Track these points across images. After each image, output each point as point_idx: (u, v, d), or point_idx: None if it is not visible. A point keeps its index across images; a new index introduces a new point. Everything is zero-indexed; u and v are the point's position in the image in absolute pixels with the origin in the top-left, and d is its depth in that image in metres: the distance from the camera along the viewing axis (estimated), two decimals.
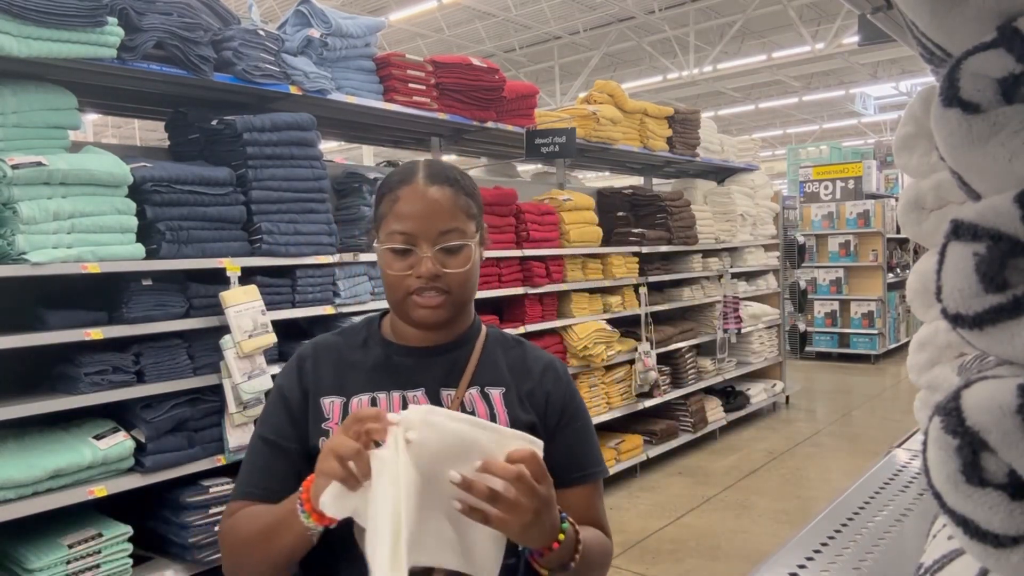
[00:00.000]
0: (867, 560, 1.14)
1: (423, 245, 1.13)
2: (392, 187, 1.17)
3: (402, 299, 1.15)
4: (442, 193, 1.15)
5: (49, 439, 2.42)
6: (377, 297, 3.44)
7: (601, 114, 5.07)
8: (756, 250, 7.05)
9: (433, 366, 1.21)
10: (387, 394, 1.18)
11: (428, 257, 1.13)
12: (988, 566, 0.47)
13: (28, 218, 2.28)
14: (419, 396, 1.19)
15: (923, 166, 0.92)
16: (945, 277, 0.49)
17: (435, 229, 1.13)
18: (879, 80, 15.44)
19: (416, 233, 1.13)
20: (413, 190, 1.15)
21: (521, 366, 1.26)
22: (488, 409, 1.19)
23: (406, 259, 1.14)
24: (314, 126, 3.16)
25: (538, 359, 1.29)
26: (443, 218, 1.14)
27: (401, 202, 1.14)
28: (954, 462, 0.46)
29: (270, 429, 1.20)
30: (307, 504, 0.99)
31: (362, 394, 1.19)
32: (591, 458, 1.25)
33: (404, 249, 1.14)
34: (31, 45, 2.31)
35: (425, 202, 1.14)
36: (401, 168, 1.22)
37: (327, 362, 1.23)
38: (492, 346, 1.27)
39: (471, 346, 1.25)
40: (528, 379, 1.25)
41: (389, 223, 1.15)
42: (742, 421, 6.71)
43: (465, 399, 1.19)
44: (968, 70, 0.48)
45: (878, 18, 1.21)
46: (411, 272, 1.13)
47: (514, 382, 1.23)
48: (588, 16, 12.84)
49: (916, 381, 1.00)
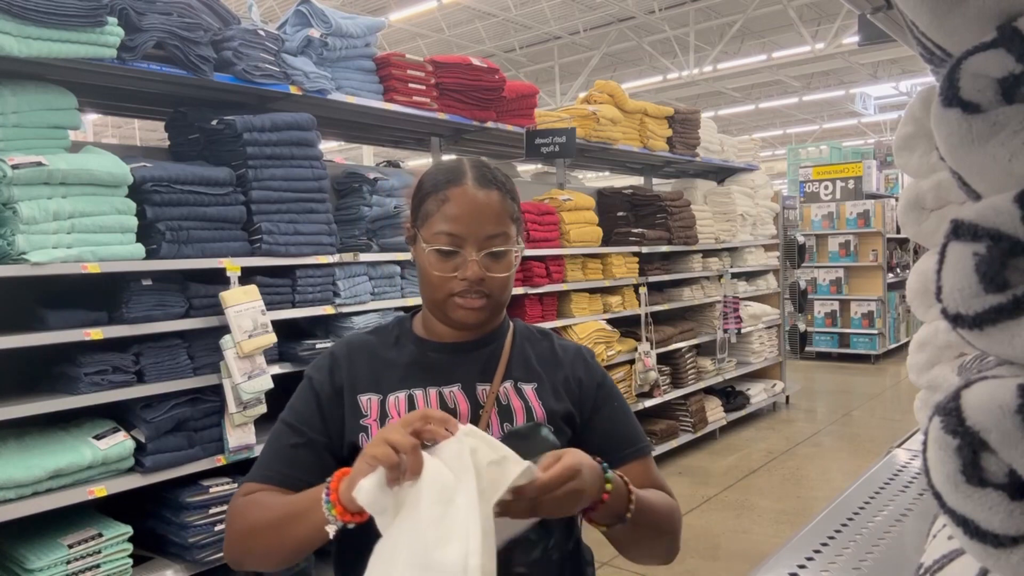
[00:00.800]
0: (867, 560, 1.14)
1: (469, 248, 1.14)
2: (439, 186, 1.16)
3: (443, 299, 1.17)
4: (490, 197, 1.15)
5: (49, 439, 2.42)
6: (377, 297, 3.44)
7: (601, 114, 5.07)
8: (756, 250, 7.05)
9: (467, 362, 1.22)
10: (423, 391, 1.19)
11: (474, 261, 1.13)
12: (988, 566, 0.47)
13: (28, 218, 2.28)
14: (455, 392, 1.20)
15: (923, 166, 0.92)
16: (945, 277, 0.49)
17: (483, 233, 1.14)
18: (879, 80, 15.44)
19: (464, 236, 1.13)
20: (463, 192, 1.14)
21: (551, 357, 1.28)
22: (523, 403, 1.20)
23: (451, 260, 1.14)
24: (314, 126, 3.16)
25: (566, 349, 1.31)
26: (491, 222, 1.15)
27: (450, 203, 1.14)
28: (954, 462, 0.46)
29: (297, 417, 1.18)
30: (333, 494, 0.97)
31: (398, 391, 1.19)
32: (636, 434, 1.27)
33: (450, 251, 1.14)
34: (31, 45, 2.31)
35: (475, 205, 1.14)
36: (446, 166, 1.21)
37: (361, 359, 1.23)
38: (520, 340, 1.28)
39: (502, 341, 1.26)
40: (559, 369, 1.26)
41: (436, 223, 1.15)
42: (742, 421, 6.71)
43: (500, 393, 1.20)
44: (968, 70, 0.48)
45: (878, 18, 1.21)
46: (456, 274, 1.14)
47: (546, 375, 1.25)
48: (588, 16, 12.84)
49: (916, 381, 1.00)
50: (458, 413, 1.18)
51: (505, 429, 1.16)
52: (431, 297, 1.19)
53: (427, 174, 1.22)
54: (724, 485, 5.17)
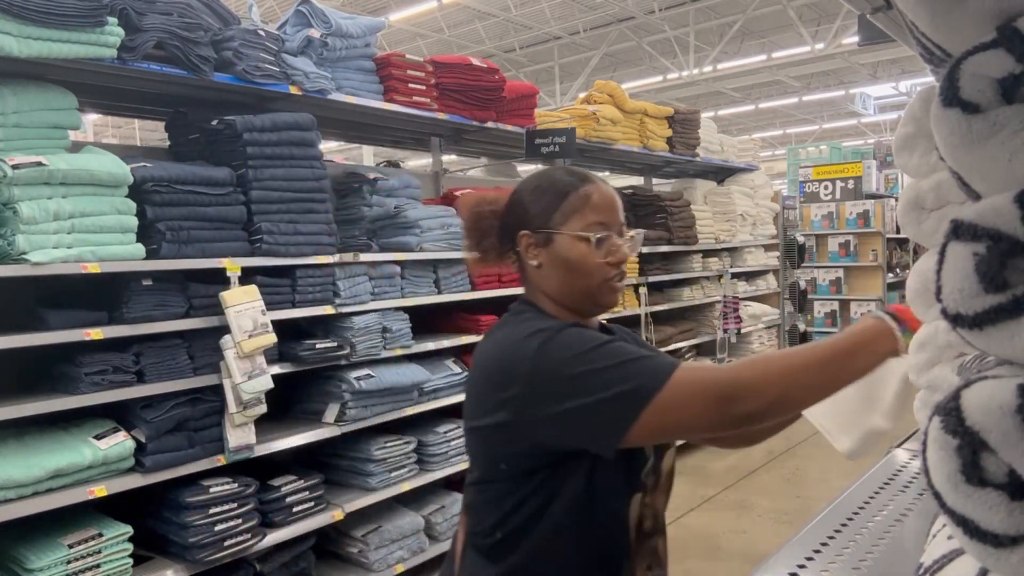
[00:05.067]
0: (867, 560, 1.14)
1: (614, 236, 1.26)
2: (574, 185, 1.27)
3: (598, 284, 1.26)
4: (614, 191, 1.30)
5: (49, 439, 2.42)
6: (377, 297, 3.44)
7: (601, 114, 5.07)
8: (756, 250, 7.05)
9: None
10: None
11: (623, 245, 1.27)
12: (988, 566, 0.47)
13: (28, 218, 2.28)
14: None
15: (923, 166, 0.92)
16: (945, 277, 0.49)
17: (619, 222, 1.28)
18: (879, 80, 15.43)
19: (611, 224, 1.26)
20: (599, 188, 1.28)
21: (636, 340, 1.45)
22: None
23: (602, 248, 1.25)
24: (314, 126, 3.16)
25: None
26: (621, 213, 1.30)
27: (595, 197, 1.26)
28: (954, 462, 0.46)
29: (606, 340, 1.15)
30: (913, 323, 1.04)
31: None
32: None
33: (603, 238, 1.25)
34: (31, 45, 2.31)
35: (612, 198, 1.28)
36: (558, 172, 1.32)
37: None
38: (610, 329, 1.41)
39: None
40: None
41: (586, 215, 1.25)
42: None
43: None
44: (968, 70, 0.48)
45: (878, 18, 1.21)
46: (609, 258, 1.25)
47: None
48: (588, 16, 12.84)
49: (916, 381, 0.99)
50: None
51: None
52: (584, 285, 1.26)
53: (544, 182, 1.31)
54: (724, 485, 5.17)
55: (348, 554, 3.40)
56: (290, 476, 3.07)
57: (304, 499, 3.07)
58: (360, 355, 3.31)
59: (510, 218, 1.32)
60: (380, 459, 3.40)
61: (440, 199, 4.28)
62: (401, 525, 3.47)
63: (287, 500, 3.01)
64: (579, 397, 1.07)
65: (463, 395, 4.21)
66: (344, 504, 3.22)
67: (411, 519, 3.53)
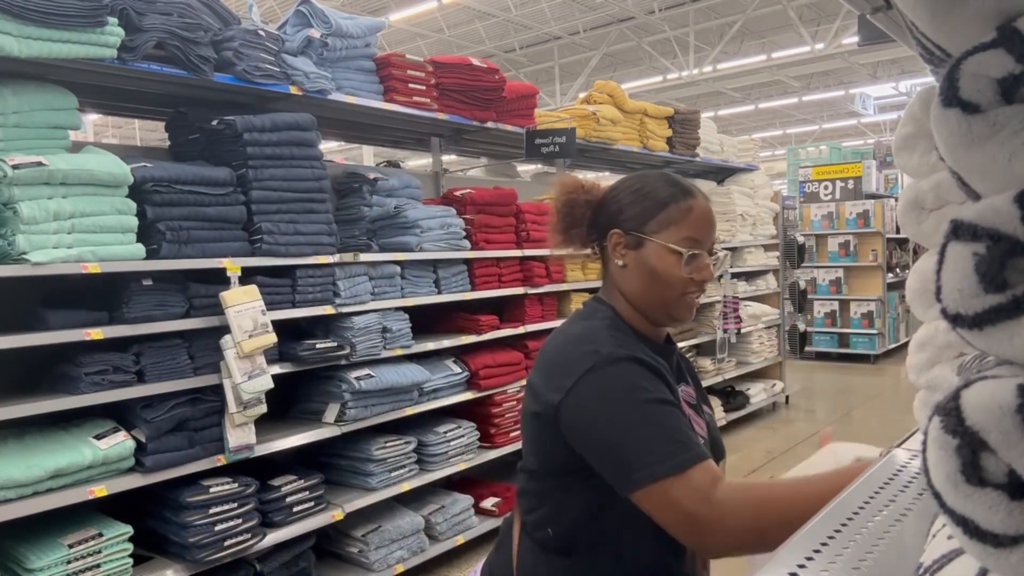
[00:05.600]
0: (867, 560, 1.14)
1: (704, 254, 1.29)
2: (677, 197, 1.29)
3: (675, 297, 1.29)
4: (712, 211, 1.33)
5: (49, 439, 2.42)
6: (377, 297, 3.44)
7: (601, 114, 5.07)
8: (756, 250, 7.05)
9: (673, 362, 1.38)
10: (679, 387, 1.30)
11: (710, 264, 1.29)
12: (988, 566, 0.47)
13: (28, 218, 2.28)
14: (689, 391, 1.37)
15: (923, 166, 0.92)
16: (944, 277, 0.49)
17: (711, 241, 1.31)
18: (879, 80, 15.44)
19: (704, 242, 1.29)
20: (702, 205, 1.30)
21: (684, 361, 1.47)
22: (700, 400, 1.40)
23: (689, 264, 1.27)
24: (314, 126, 3.16)
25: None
26: (715, 231, 1.33)
27: (695, 212, 1.28)
28: (953, 462, 0.46)
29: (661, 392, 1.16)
30: None
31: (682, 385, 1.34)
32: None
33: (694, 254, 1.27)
34: (31, 45, 2.31)
35: (710, 218, 1.31)
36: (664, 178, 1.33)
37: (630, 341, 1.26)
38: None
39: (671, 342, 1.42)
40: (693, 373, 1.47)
41: (682, 229, 1.27)
42: (742, 421, 6.71)
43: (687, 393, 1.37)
44: (968, 70, 0.48)
45: (878, 18, 1.21)
46: (694, 275, 1.27)
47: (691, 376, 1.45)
48: (588, 16, 12.84)
49: (916, 381, 0.99)
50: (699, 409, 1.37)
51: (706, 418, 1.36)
52: (662, 295, 1.29)
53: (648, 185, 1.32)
54: None
55: (348, 554, 3.40)
56: (290, 476, 3.08)
57: (304, 499, 3.07)
58: (360, 355, 3.31)
59: (605, 213, 1.33)
60: (380, 459, 3.40)
61: (440, 199, 4.28)
62: (401, 525, 3.47)
63: (287, 500, 3.01)
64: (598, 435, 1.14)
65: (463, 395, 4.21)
66: (344, 504, 3.22)
67: (411, 519, 3.53)
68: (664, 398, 1.14)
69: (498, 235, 4.20)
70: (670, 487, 1.06)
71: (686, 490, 1.06)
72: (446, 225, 3.77)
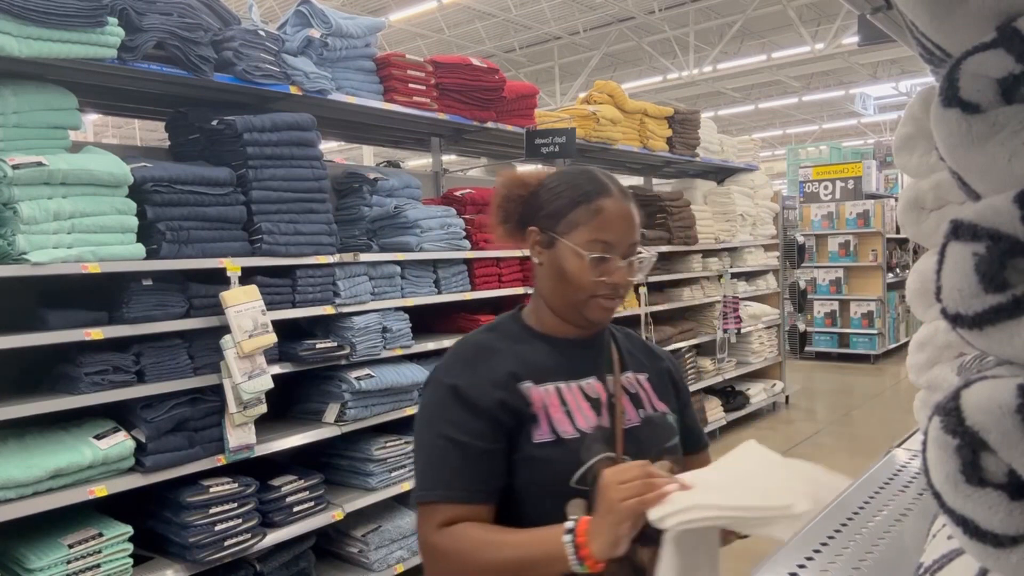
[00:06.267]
0: (867, 560, 1.14)
1: (617, 256, 1.24)
2: (590, 196, 1.25)
3: (585, 300, 1.25)
4: (632, 210, 1.27)
5: (49, 439, 2.42)
6: (377, 297, 3.44)
7: (601, 114, 5.07)
8: (756, 250, 7.05)
9: (591, 356, 1.32)
10: (566, 384, 1.26)
11: (622, 268, 1.24)
12: (987, 566, 0.47)
13: (28, 218, 2.28)
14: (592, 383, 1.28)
15: (923, 166, 0.92)
16: (945, 277, 0.49)
17: (628, 242, 1.25)
18: (879, 80, 15.44)
19: (616, 244, 1.24)
20: (615, 204, 1.25)
21: (646, 349, 1.43)
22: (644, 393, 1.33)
23: (600, 266, 1.23)
24: (314, 126, 3.16)
25: (654, 345, 1.49)
26: (634, 233, 1.27)
27: (605, 214, 1.23)
28: (954, 462, 0.46)
29: (458, 430, 1.20)
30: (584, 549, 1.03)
31: (547, 384, 1.25)
32: (702, 428, 1.48)
33: (601, 259, 1.23)
34: (31, 45, 2.31)
35: (625, 218, 1.25)
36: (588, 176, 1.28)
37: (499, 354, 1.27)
38: (619, 336, 1.40)
39: (606, 337, 1.36)
40: (658, 361, 1.41)
41: (590, 231, 1.23)
42: (742, 421, 6.70)
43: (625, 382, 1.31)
44: (968, 70, 0.48)
45: (878, 18, 1.21)
46: (603, 278, 1.23)
47: (652, 366, 1.39)
48: (588, 16, 12.84)
49: (916, 381, 1.00)
50: (600, 402, 1.26)
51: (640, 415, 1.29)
52: (572, 298, 1.26)
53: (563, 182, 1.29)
54: None
55: (348, 554, 3.40)
56: (290, 476, 3.07)
57: (304, 499, 3.07)
58: (360, 355, 3.31)
59: (528, 209, 1.31)
60: (380, 459, 3.40)
61: (440, 199, 4.28)
62: (401, 525, 3.47)
63: (287, 500, 3.01)
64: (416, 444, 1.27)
65: None
66: (344, 504, 3.22)
67: (411, 519, 3.53)
68: (449, 435, 1.19)
69: None
70: (421, 514, 1.20)
71: (424, 522, 1.19)
72: (446, 225, 3.77)
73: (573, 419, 1.22)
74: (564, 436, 1.20)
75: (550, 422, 1.21)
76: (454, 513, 1.17)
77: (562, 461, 1.18)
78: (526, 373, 1.24)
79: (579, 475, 1.18)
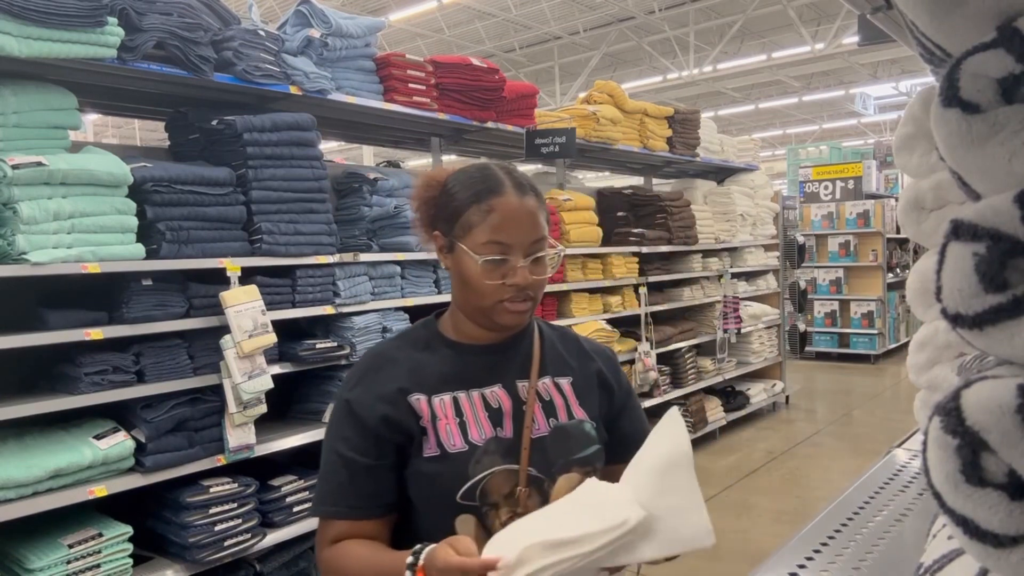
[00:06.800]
0: (867, 560, 1.14)
1: (517, 255, 1.17)
2: (481, 196, 1.18)
3: (491, 306, 1.19)
4: (531, 205, 1.19)
5: (49, 439, 2.42)
6: (377, 297, 3.44)
7: (601, 114, 5.07)
8: (756, 250, 7.05)
9: (504, 361, 1.26)
10: (466, 393, 1.22)
11: (523, 268, 1.17)
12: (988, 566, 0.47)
13: (28, 218, 2.28)
14: (497, 391, 1.22)
15: (923, 166, 0.92)
16: (945, 277, 0.49)
17: (528, 240, 1.18)
18: (879, 80, 15.44)
19: (512, 244, 1.17)
20: (507, 202, 1.17)
21: (580, 351, 1.34)
22: (563, 399, 1.25)
23: (499, 268, 1.17)
24: (314, 126, 3.16)
25: (592, 344, 1.38)
26: (534, 229, 1.19)
27: (496, 214, 1.17)
28: (954, 462, 0.46)
29: (347, 446, 1.20)
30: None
31: (443, 394, 1.21)
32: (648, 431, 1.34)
33: (500, 259, 1.17)
34: (31, 45, 2.31)
35: (520, 215, 1.17)
36: (479, 174, 1.22)
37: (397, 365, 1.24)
38: (549, 338, 1.33)
39: (530, 339, 1.30)
40: (591, 362, 1.32)
41: (483, 233, 1.17)
42: (742, 421, 6.71)
43: (540, 388, 1.24)
44: (968, 70, 0.48)
45: (878, 18, 1.21)
46: (504, 281, 1.17)
47: (580, 368, 1.30)
48: (588, 16, 12.84)
49: (916, 381, 1.00)
50: (503, 412, 1.21)
51: (551, 423, 1.21)
52: (478, 303, 1.20)
53: (458, 183, 1.22)
54: (724, 485, 5.17)
55: None
56: (290, 476, 3.07)
57: (304, 499, 3.07)
58: (360, 355, 3.31)
59: (435, 211, 1.25)
60: None
61: None
62: None
63: (287, 500, 3.01)
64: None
65: None
66: None
67: None
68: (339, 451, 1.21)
69: None
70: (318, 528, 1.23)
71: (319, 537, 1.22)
72: None
73: (467, 431, 1.18)
74: (450, 450, 1.16)
75: (437, 436, 1.17)
76: (342, 529, 1.18)
77: (448, 476, 1.15)
78: (419, 385, 1.20)
79: (464, 490, 1.14)
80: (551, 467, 1.18)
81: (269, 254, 2.98)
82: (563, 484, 1.17)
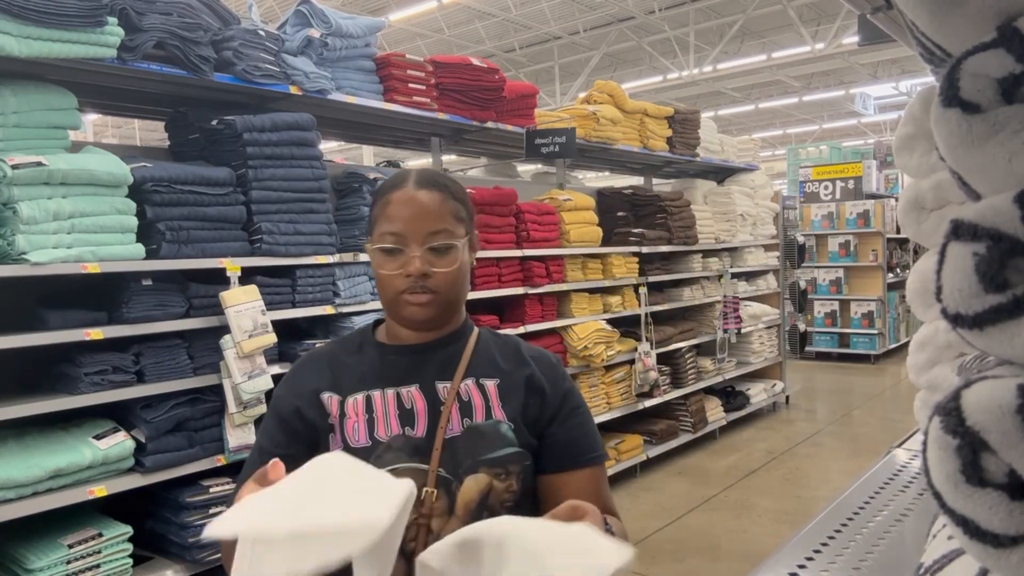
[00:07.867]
0: (867, 560, 1.14)
1: (412, 245, 1.18)
2: (384, 192, 1.23)
3: (393, 298, 1.20)
4: (431, 196, 1.20)
5: (49, 439, 2.42)
6: (377, 297, 3.43)
7: (601, 114, 5.07)
8: (756, 250, 7.05)
9: (427, 362, 1.25)
10: (380, 391, 1.22)
11: (417, 256, 1.17)
12: (988, 566, 0.47)
13: (28, 218, 2.28)
14: (412, 391, 1.22)
15: (923, 166, 0.92)
16: (945, 277, 0.49)
17: (424, 230, 1.18)
18: (879, 80, 15.44)
19: (405, 234, 1.18)
20: (403, 194, 1.20)
21: (516, 356, 1.30)
22: (483, 400, 1.22)
23: (397, 259, 1.18)
24: (314, 126, 3.16)
25: (532, 350, 1.34)
26: (432, 220, 1.19)
27: (392, 205, 1.20)
28: (954, 462, 0.46)
29: (266, 439, 1.27)
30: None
31: (356, 393, 1.22)
32: (595, 442, 1.29)
33: (394, 249, 1.18)
34: (31, 45, 2.31)
35: (415, 205, 1.19)
36: (394, 175, 1.27)
37: (320, 367, 1.28)
38: (485, 342, 1.31)
39: (464, 342, 1.28)
40: (524, 367, 1.28)
41: (380, 225, 1.20)
42: (742, 421, 6.71)
43: (461, 389, 1.23)
44: (968, 70, 0.48)
45: (878, 18, 1.21)
46: (401, 271, 1.18)
47: (510, 371, 1.27)
48: (588, 16, 12.84)
49: (916, 381, 0.99)
50: (415, 411, 1.20)
51: (465, 424, 1.20)
52: (384, 297, 1.23)
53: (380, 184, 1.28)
54: (724, 485, 5.17)
55: None
56: None
57: None
58: None
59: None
60: None
61: None
62: None
63: None
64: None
65: None
66: None
67: None
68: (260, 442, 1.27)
69: (498, 235, 4.20)
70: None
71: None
72: None
73: (373, 429, 1.19)
74: (353, 446, 1.18)
75: (343, 433, 1.20)
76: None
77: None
78: (336, 386, 1.23)
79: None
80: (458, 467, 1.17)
81: (269, 254, 2.98)
82: (470, 485, 1.16)
